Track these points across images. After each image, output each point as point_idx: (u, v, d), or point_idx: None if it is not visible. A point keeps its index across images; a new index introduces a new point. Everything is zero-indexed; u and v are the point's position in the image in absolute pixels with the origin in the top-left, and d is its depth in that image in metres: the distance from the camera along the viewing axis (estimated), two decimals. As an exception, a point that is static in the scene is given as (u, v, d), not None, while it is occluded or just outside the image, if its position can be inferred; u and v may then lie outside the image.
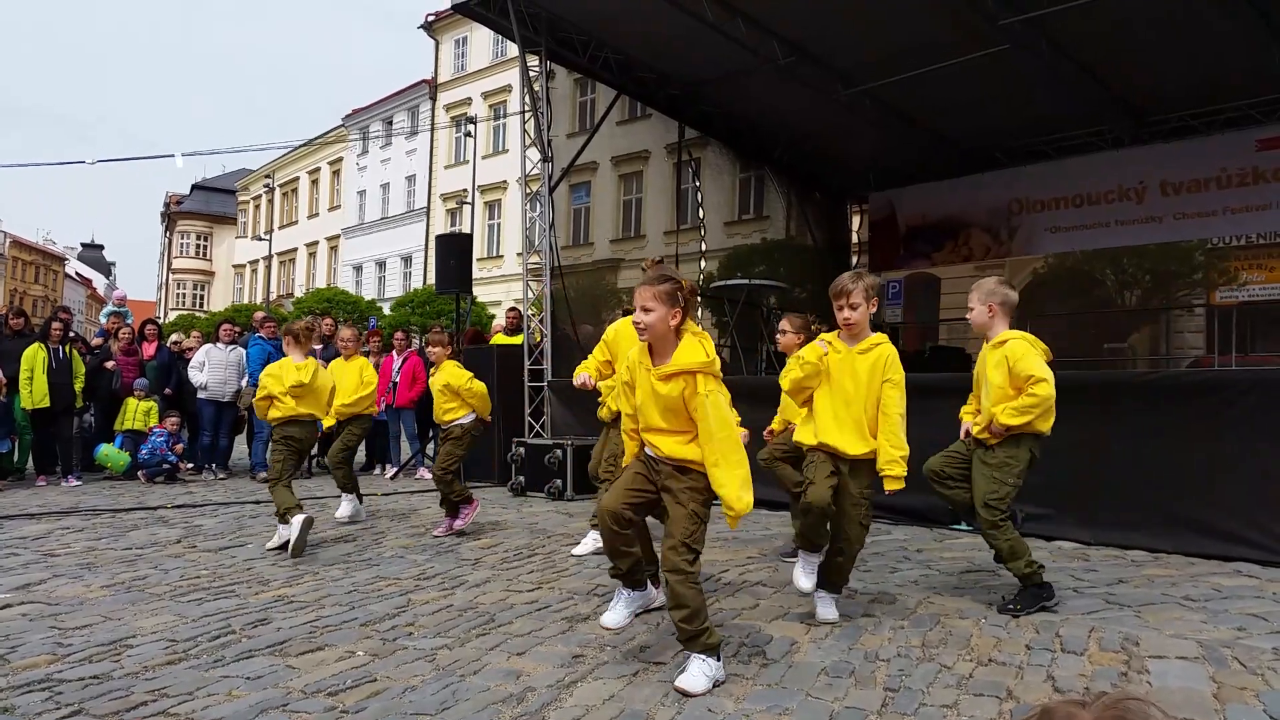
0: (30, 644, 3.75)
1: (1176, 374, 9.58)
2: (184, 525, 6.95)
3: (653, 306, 3.36)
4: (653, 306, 3.36)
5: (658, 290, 3.37)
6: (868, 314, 4.13)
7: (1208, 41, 9.69)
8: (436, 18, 34.86)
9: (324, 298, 31.10)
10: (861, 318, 4.11)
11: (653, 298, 3.37)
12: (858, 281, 4.13)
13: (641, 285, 3.44)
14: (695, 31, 10.02)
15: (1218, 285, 16.99)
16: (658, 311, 3.36)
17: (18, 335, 9.73)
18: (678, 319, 3.40)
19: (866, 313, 4.13)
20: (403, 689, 3.28)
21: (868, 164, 14.95)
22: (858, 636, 3.95)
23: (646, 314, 3.37)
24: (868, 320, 4.16)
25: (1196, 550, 5.82)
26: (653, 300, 3.37)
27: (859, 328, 4.15)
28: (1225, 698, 3.19)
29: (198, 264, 57.99)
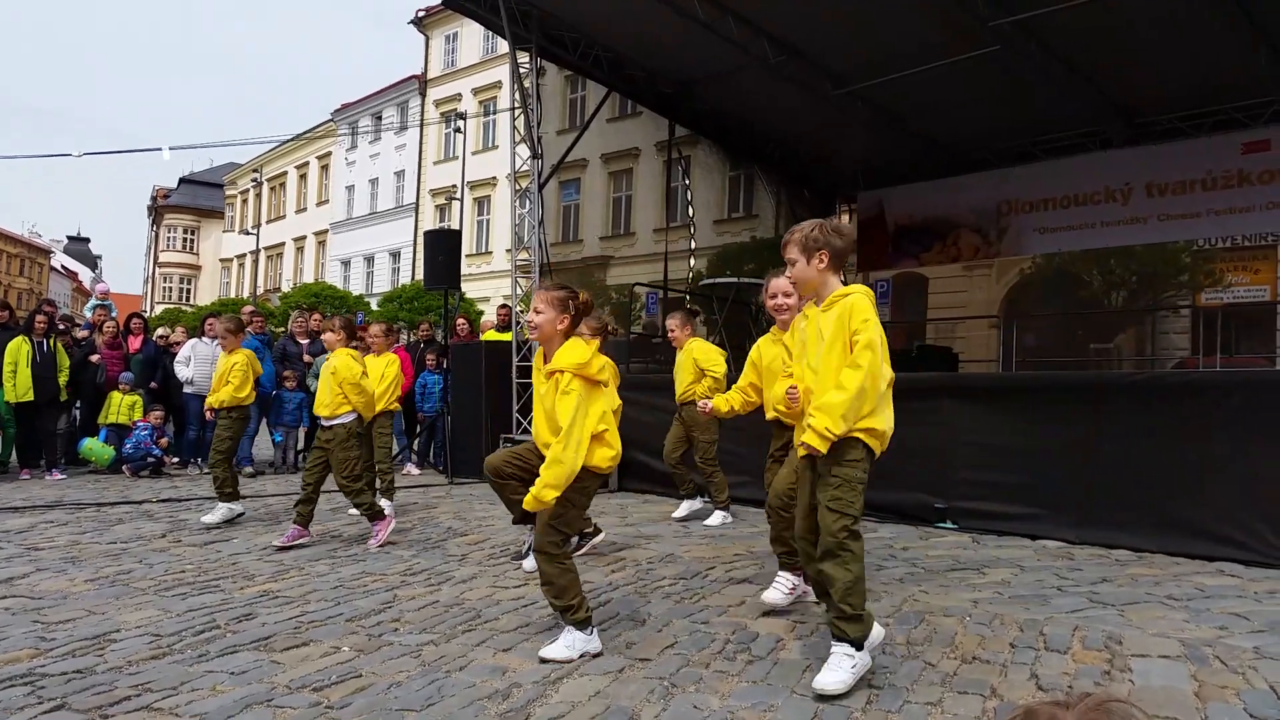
0: (13, 638, 3.73)
1: (1162, 375, 9.64)
2: (169, 520, 6.91)
3: (543, 309, 3.73)
4: (543, 309, 3.73)
5: (550, 296, 3.75)
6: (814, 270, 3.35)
7: (1195, 45, 9.75)
8: (427, 13, 34.74)
9: (311, 292, 30.95)
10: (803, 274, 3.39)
11: (544, 302, 3.74)
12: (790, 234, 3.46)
13: (538, 290, 3.88)
14: (686, 30, 10.02)
15: (1203, 287, 17.10)
16: (547, 314, 3.72)
17: (2, 328, 9.66)
18: (565, 325, 3.73)
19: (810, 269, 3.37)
20: (388, 685, 3.27)
21: (857, 163, 14.98)
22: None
23: (537, 315, 3.74)
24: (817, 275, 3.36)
25: (1181, 550, 5.85)
26: (544, 304, 3.74)
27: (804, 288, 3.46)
28: (1206, 696, 3.21)
29: (184, 258, 57.68)
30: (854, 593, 3.21)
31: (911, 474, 7.10)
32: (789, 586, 4.27)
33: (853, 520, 3.25)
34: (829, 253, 3.31)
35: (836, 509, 3.24)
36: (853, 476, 3.25)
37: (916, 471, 7.09)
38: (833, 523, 3.23)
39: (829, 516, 3.24)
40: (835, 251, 3.32)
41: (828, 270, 3.32)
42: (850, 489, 3.25)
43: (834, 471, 3.26)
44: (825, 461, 3.26)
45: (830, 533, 3.23)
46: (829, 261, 3.31)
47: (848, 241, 3.40)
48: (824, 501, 3.27)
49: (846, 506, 3.24)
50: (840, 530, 3.22)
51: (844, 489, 3.24)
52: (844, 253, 3.36)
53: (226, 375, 6.76)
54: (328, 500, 8.04)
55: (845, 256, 3.39)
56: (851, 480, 3.25)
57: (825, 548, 3.24)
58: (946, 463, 7.00)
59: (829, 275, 3.33)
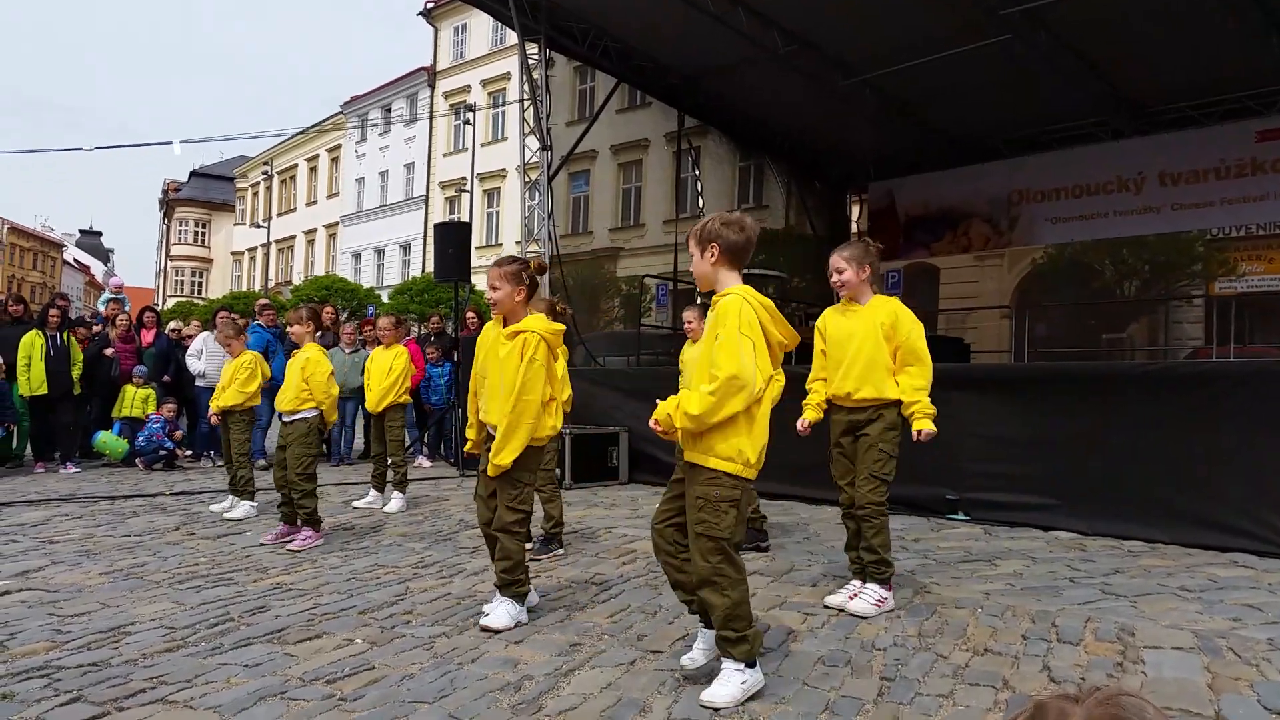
0: (29, 631, 3.76)
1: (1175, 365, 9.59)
2: (182, 512, 6.95)
3: (499, 285, 4.00)
4: (499, 285, 4.00)
5: (504, 271, 4.00)
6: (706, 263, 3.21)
7: (1207, 33, 9.68)
8: (436, 5, 34.74)
9: (322, 285, 31.02)
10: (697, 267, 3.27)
11: (499, 278, 4.00)
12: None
13: (491, 268, 4.04)
14: (695, 21, 10.00)
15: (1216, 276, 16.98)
16: (504, 289, 4.00)
17: (16, 322, 9.72)
18: (522, 295, 4.03)
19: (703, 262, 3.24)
20: (401, 677, 3.29)
21: (868, 153, 14.94)
22: (854, 626, 3.96)
23: (495, 291, 4.01)
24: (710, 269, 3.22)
25: (1193, 541, 5.83)
26: (499, 280, 4.00)
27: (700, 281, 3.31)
28: (1220, 688, 3.20)
29: (196, 251, 57.90)
30: (736, 617, 3.05)
31: (922, 465, 7.06)
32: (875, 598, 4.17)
33: (724, 542, 3.07)
34: (719, 246, 3.14)
35: (702, 532, 3.07)
36: (712, 495, 3.06)
37: (928, 463, 7.04)
38: (701, 547, 3.07)
39: (696, 543, 3.09)
40: (727, 245, 3.14)
41: (720, 265, 3.16)
42: (712, 509, 3.06)
43: (696, 492, 3.10)
44: (689, 482, 3.13)
45: (702, 558, 3.07)
46: (719, 255, 3.15)
47: (744, 236, 3.16)
48: (692, 525, 3.10)
49: (711, 529, 3.05)
50: (711, 553, 3.06)
51: (706, 510, 3.06)
52: (738, 247, 3.16)
53: (234, 375, 6.77)
54: (340, 493, 8.09)
55: (740, 252, 3.18)
56: (712, 500, 3.06)
57: (699, 575, 3.08)
58: (958, 454, 6.97)
59: (721, 270, 3.17)
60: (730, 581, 3.07)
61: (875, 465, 4.23)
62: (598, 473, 8.95)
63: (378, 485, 7.64)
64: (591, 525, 6.67)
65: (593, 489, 8.65)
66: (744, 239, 3.17)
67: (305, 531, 5.80)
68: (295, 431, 5.92)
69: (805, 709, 3.01)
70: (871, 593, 4.18)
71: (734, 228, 3.16)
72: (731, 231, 3.15)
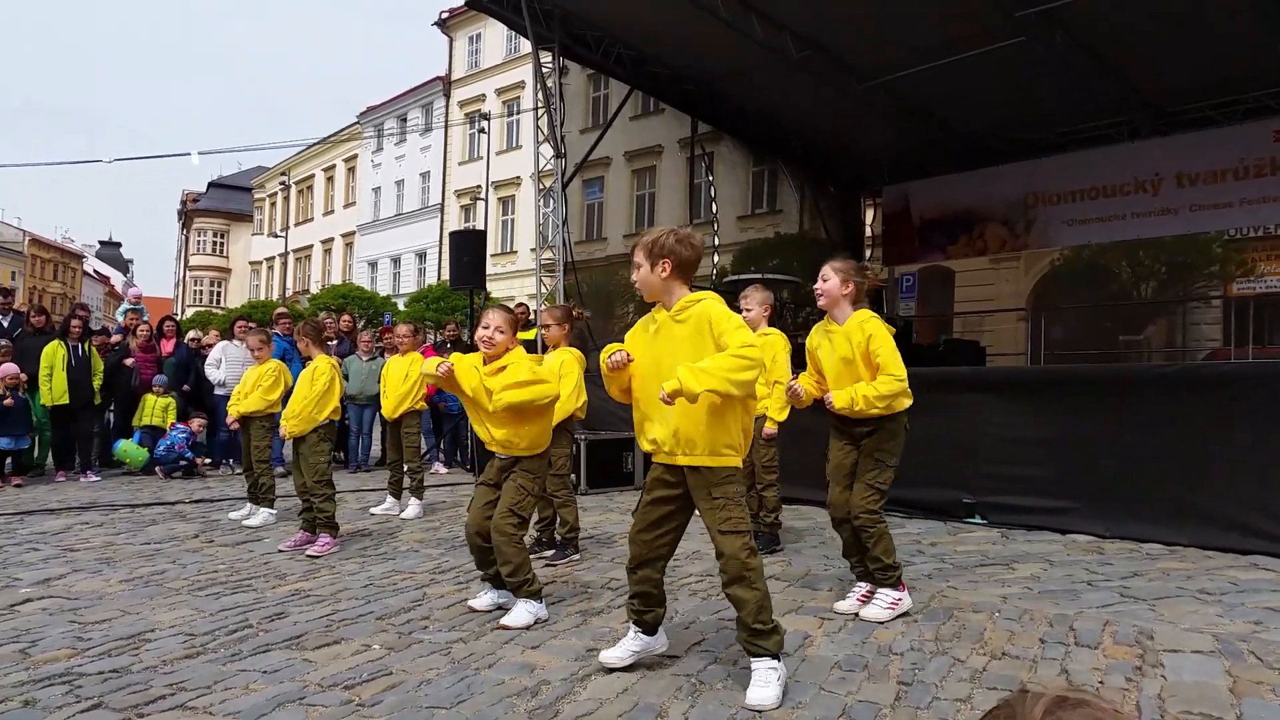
0: (50, 638, 3.79)
1: (1192, 367, 9.53)
2: (201, 520, 7.00)
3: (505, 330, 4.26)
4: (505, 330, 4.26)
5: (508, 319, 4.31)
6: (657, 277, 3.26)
7: (1224, 32, 9.63)
8: (451, 14, 34.87)
9: (339, 294, 31.16)
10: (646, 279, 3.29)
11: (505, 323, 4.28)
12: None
13: (490, 308, 4.39)
14: (708, 27, 10.02)
15: (1235, 277, 16.88)
16: (505, 336, 4.26)
17: (38, 333, 9.82)
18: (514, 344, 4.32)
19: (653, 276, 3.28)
20: (418, 682, 3.30)
21: (882, 157, 14.91)
22: (871, 630, 3.95)
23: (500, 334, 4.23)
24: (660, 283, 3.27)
25: (1213, 544, 5.78)
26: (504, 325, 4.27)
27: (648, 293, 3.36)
28: (1241, 692, 3.18)
29: (214, 261, 58.25)
30: (764, 609, 3.16)
31: (939, 469, 7.06)
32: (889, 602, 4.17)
33: (750, 537, 3.20)
34: (672, 261, 3.21)
35: (731, 529, 3.16)
36: (731, 492, 3.19)
37: (944, 466, 7.05)
38: (731, 545, 3.15)
39: (725, 540, 3.16)
40: (680, 261, 3.22)
41: (671, 279, 3.23)
42: (737, 506, 3.19)
43: (714, 494, 3.19)
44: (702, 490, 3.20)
45: (733, 555, 3.15)
46: (672, 270, 3.22)
47: (695, 252, 3.26)
48: (716, 526, 3.17)
49: (739, 524, 3.17)
50: (741, 550, 3.14)
51: (731, 507, 3.17)
52: (689, 263, 3.25)
53: (258, 381, 6.79)
54: (357, 500, 8.12)
55: (691, 267, 3.26)
56: (733, 496, 3.19)
57: (730, 572, 3.16)
58: (975, 457, 6.96)
59: (673, 284, 3.24)
60: (758, 574, 3.18)
61: (870, 475, 4.17)
62: (613, 478, 8.96)
63: (394, 492, 7.67)
64: (607, 530, 6.68)
65: (608, 494, 8.65)
66: (695, 254, 3.28)
67: (324, 537, 5.83)
68: (307, 440, 5.97)
69: (822, 713, 3.01)
70: (884, 597, 4.15)
71: (687, 244, 3.25)
72: (684, 247, 3.24)
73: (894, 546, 4.21)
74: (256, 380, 6.77)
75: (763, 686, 3.10)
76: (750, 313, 5.48)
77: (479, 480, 4.44)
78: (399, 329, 8.03)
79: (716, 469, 3.19)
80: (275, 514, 6.94)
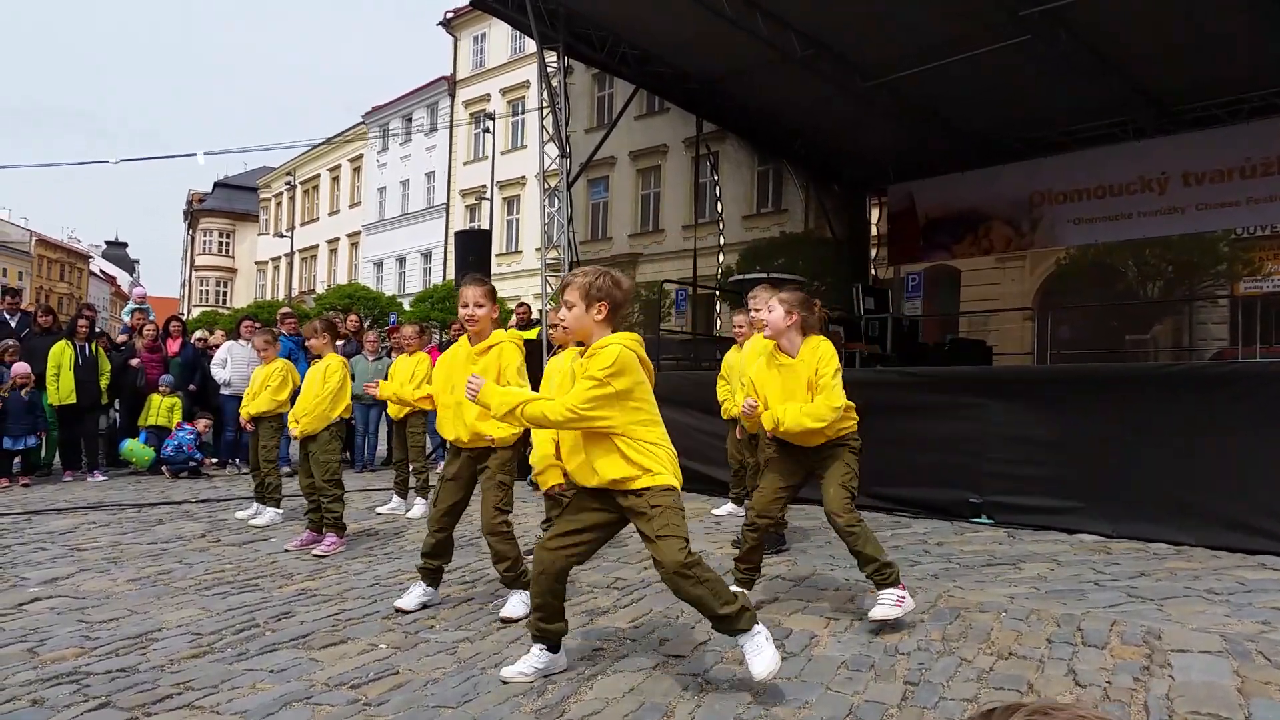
0: (58, 637, 3.81)
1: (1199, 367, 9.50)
2: (208, 520, 7.01)
3: (483, 303, 4.30)
4: (483, 303, 4.30)
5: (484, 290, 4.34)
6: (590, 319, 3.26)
7: (1230, 30, 9.60)
8: (455, 14, 34.90)
9: (345, 294, 31.23)
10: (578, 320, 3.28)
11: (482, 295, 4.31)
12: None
13: (464, 285, 4.35)
14: (713, 26, 10.00)
15: (1242, 276, 16.81)
16: (485, 308, 4.32)
17: (46, 332, 9.84)
18: (496, 313, 4.43)
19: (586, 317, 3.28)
20: (425, 682, 3.30)
21: (887, 156, 14.88)
22: (878, 630, 3.94)
23: (479, 309, 4.28)
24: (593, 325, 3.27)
25: (1220, 543, 5.77)
26: (482, 298, 4.30)
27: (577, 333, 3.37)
28: (1250, 692, 3.17)
29: (220, 261, 58.41)
30: (719, 594, 3.15)
31: (946, 469, 7.06)
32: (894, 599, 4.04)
33: (685, 542, 3.16)
34: (608, 305, 3.22)
35: (667, 534, 3.13)
36: (668, 503, 3.16)
37: (951, 466, 7.05)
38: (667, 550, 3.12)
39: (662, 545, 3.12)
40: (614, 303, 3.24)
41: (604, 322, 3.24)
42: (672, 513, 3.16)
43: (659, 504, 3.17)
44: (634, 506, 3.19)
45: (672, 554, 3.12)
46: (606, 314, 3.23)
47: (626, 295, 3.28)
48: (653, 533, 3.14)
49: (672, 530, 3.14)
50: (679, 552, 3.12)
51: (665, 513, 3.14)
52: (622, 304, 3.27)
53: (266, 381, 6.81)
54: (364, 499, 8.13)
55: (622, 308, 3.28)
56: (670, 508, 3.16)
57: (670, 577, 3.15)
58: (981, 457, 6.95)
59: (604, 327, 3.24)
60: (702, 568, 3.17)
61: (844, 476, 4.10)
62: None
63: (400, 491, 7.68)
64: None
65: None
66: (626, 296, 3.29)
67: (330, 537, 5.84)
68: (318, 439, 5.96)
69: (829, 713, 3.01)
70: (888, 595, 4.06)
71: (619, 286, 3.26)
72: (618, 290, 3.25)
73: (881, 543, 4.11)
74: (264, 380, 6.79)
75: (757, 655, 3.12)
76: (759, 313, 5.46)
77: (444, 476, 4.45)
78: (405, 329, 8.03)
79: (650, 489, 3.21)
80: (281, 513, 6.95)
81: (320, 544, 5.79)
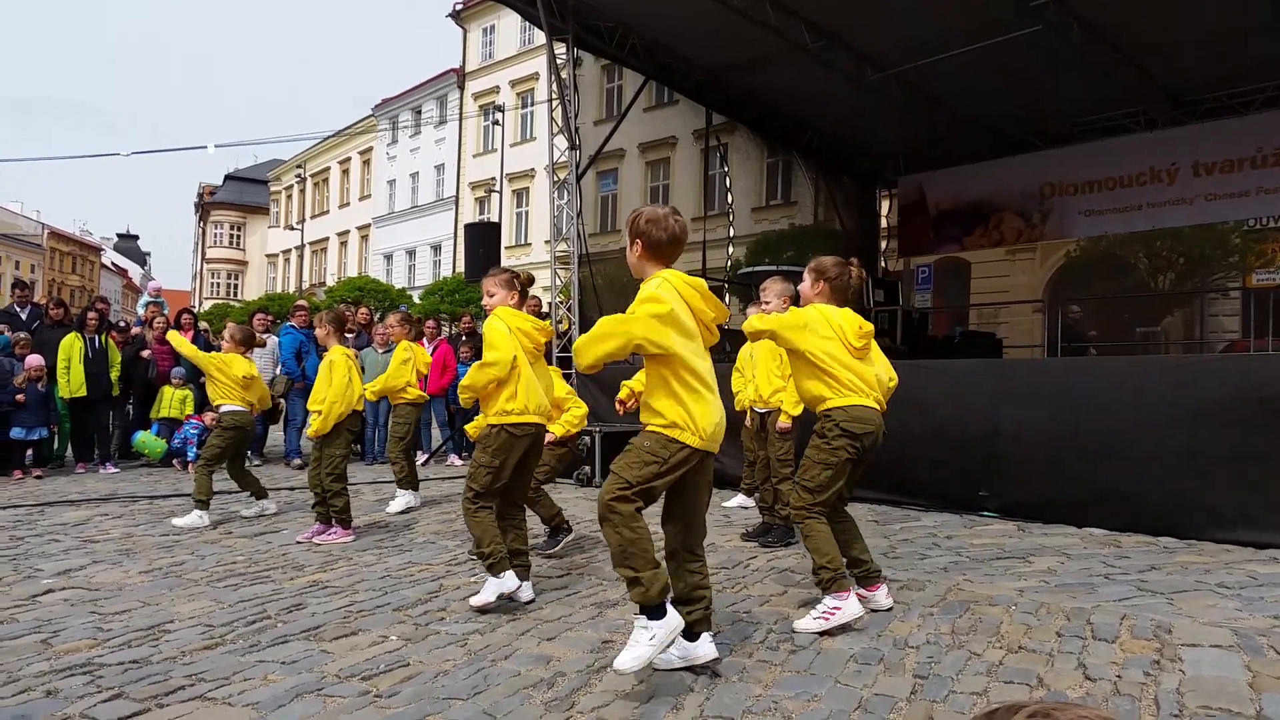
0: (72, 628, 3.83)
1: (1208, 358, 9.45)
2: (220, 511, 7.04)
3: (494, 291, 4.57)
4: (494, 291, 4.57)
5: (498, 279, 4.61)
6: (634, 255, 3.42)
7: (1242, 20, 9.51)
8: (465, 6, 34.88)
9: (355, 286, 31.30)
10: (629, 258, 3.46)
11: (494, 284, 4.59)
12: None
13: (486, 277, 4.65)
14: (722, 16, 9.97)
15: (1254, 267, 16.68)
16: (498, 295, 4.54)
17: (57, 325, 9.89)
18: (515, 300, 4.59)
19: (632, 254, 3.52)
20: (435, 673, 3.32)
21: (897, 148, 14.84)
22: (887, 623, 3.94)
23: (490, 297, 4.57)
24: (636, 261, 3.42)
25: (1231, 537, 5.75)
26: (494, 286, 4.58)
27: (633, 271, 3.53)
28: (1261, 686, 3.16)
29: (231, 254, 58.57)
30: (628, 556, 3.14)
31: (955, 461, 7.04)
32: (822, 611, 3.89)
33: (627, 486, 3.17)
34: (644, 242, 3.32)
35: (615, 470, 3.23)
36: (642, 445, 3.22)
37: (960, 459, 7.03)
38: (606, 484, 3.23)
39: (609, 478, 3.24)
40: (650, 242, 3.32)
41: (643, 258, 3.35)
42: (636, 455, 3.22)
43: (631, 441, 3.31)
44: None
45: (602, 493, 3.22)
46: (643, 249, 3.33)
47: (666, 233, 3.31)
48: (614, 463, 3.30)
49: (623, 469, 3.21)
50: (613, 489, 3.18)
51: (632, 453, 3.24)
52: (660, 244, 3.31)
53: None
54: (375, 491, 8.16)
55: (662, 249, 3.33)
56: (639, 449, 3.23)
57: (599, 509, 3.25)
58: (991, 450, 6.93)
59: (645, 263, 3.35)
60: (628, 518, 3.17)
61: (801, 471, 4.08)
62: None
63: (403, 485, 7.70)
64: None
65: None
66: (665, 235, 3.31)
67: (337, 529, 5.89)
68: (327, 434, 5.99)
69: (838, 706, 3.01)
70: (821, 605, 3.88)
71: (657, 225, 3.32)
72: (654, 228, 3.31)
73: (832, 549, 3.95)
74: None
75: (634, 646, 3.10)
76: (769, 305, 5.44)
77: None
78: (389, 318, 7.84)
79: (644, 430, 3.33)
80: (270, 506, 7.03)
81: (326, 535, 5.86)
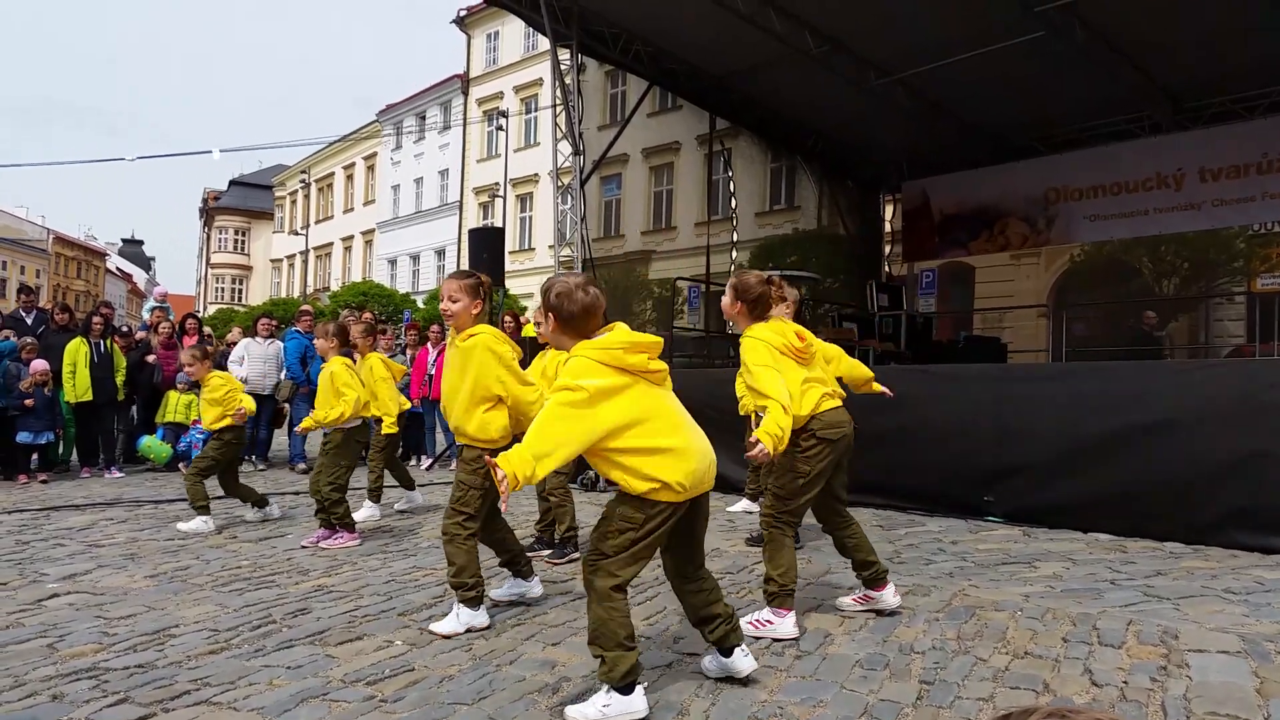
0: (77, 633, 3.84)
1: (1215, 364, 9.43)
2: (225, 516, 7.04)
3: (458, 297, 4.09)
4: (458, 297, 4.09)
5: (462, 284, 4.12)
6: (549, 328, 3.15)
7: (1247, 25, 9.52)
8: (469, 12, 34.98)
9: (360, 291, 31.36)
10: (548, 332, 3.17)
11: (458, 290, 4.09)
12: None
13: (447, 279, 4.17)
14: (726, 22, 10.00)
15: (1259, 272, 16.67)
16: (462, 301, 4.09)
17: (62, 330, 9.91)
18: (479, 309, 4.14)
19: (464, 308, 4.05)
20: (440, 679, 3.32)
21: (901, 153, 14.85)
22: (892, 629, 3.94)
23: (453, 303, 4.09)
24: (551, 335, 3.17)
25: (1238, 543, 5.73)
26: (458, 292, 4.09)
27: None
28: (1269, 693, 3.15)
29: (236, 259, 58.72)
30: (598, 635, 2.96)
31: (960, 466, 7.04)
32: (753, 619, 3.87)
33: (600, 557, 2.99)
34: (555, 316, 3.07)
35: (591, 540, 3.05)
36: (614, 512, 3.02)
37: (965, 464, 7.02)
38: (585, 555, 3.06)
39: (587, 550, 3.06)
40: (562, 316, 3.05)
41: (557, 332, 3.09)
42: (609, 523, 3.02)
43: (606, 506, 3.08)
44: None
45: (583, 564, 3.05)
46: (555, 324, 3.08)
47: (577, 306, 3.04)
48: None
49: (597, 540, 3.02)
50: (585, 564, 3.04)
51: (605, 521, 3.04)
52: (572, 317, 3.05)
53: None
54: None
55: (575, 322, 3.06)
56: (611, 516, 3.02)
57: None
58: (996, 455, 6.92)
59: (561, 337, 3.09)
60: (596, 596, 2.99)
61: (775, 476, 3.99)
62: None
63: (406, 486, 7.70)
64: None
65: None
66: (578, 309, 3.05)
67: (342, 534, 5.91)
68: (331, 441, 6.03)
69: (844, 712, 3.01)
70: (758, 614, 3.86)
71: (568, 299, 3.05)
72: (565, 303, 3.06)
73: (789, 564, 3.85)
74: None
75: (581, 705, 2.99)
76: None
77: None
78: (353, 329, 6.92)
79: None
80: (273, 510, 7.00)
81: (327, 539, 5.87)
